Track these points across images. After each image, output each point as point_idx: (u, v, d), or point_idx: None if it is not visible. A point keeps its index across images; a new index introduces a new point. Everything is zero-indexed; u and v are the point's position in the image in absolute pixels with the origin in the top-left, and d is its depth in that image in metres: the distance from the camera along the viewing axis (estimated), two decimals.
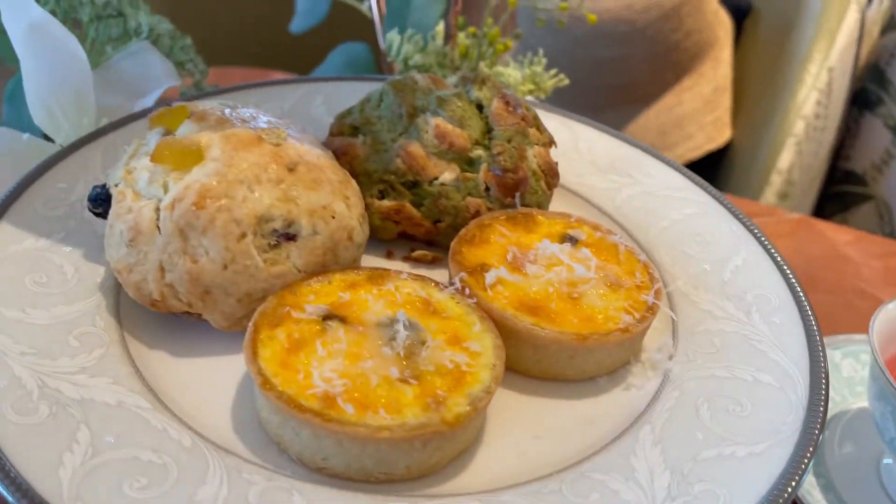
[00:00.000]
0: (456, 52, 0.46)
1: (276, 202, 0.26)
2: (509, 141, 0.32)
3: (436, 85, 0.34)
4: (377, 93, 0.34)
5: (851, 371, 0.46)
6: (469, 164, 0.32)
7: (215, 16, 0.91)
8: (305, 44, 0.65)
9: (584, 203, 0.36)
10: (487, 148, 0.32)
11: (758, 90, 0.92)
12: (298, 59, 0.74)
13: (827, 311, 0.53)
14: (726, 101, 0.94)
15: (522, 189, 0.31)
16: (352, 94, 0.40)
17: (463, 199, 0.31)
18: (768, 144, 0.81)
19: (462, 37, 0.46)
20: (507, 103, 0.33)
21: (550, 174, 0.33)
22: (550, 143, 0.34)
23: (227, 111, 0.29)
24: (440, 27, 0.48)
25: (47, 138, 0.34)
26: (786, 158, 0.80)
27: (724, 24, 0.95)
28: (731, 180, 0.88)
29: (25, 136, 0.32)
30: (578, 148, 0.38)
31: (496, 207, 0.32)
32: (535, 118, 0.34)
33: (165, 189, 0.26)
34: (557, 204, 0.35)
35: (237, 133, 0.27)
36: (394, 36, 0.45)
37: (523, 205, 0.32)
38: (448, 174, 0.31)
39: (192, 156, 0.27)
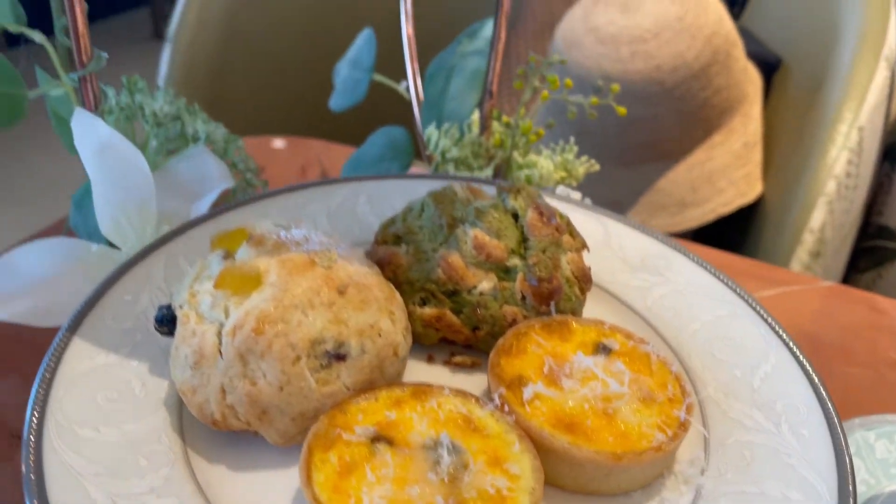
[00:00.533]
0: (491, 141, 0.48)
1: (327, 325, 0.28)
2: (544, 251, 0.34)
3: (474, 195, 0.36)
4: (419, 203, 0.36)
5: (885, 452, 0.46)
6: (506, 272, 0.34)
7: (258, 87, 0.95)
8: (345, 115, 0.67)
9: (616, 303, 0.37)
10: (523, 257, 0.34)
11: (788, 145, 0.93)
12: (338, 128, 0.77)
13: (861, 386, 0.53)
14: (757, 155, 0.95)
15: (557, 298, 0.33)
16: (393, 191, 0.42)
17: (500, 308, 0.33)
18: (800, 203, 0.81)
19: (496, 125, 0.48)
20: (541, 214, 0.34)
21: (584, 280, 0.35)
22: (583, 246, 0.36)
23: (282, 234, 0.31)
24: (475, 116, 0.50)
25: (111, 245, 0.36)
26: (817, 218, 0.80)
27: (753, 79, 0.97)
28: (763, 237, 0.88)
29: (95, 247, 0.35)
30: (610, 244, 0.40)
31: (532, 315, 0.33)
32: (568, 224, 0.36)
33: (226, 313, 0.29)
34: (591, 303, 0.36)
35: (292, 258, 0.29)
36: (432, 130, 0.47)
37: (558, 311, 0.34)
38: (486, 283, 0.33)
39: (251, 282, 0.29)
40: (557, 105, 0.84)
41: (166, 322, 0.30)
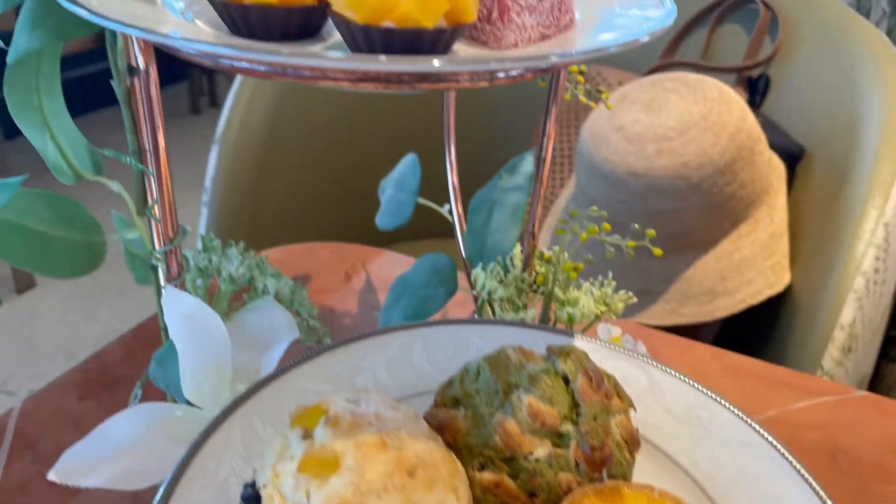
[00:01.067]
0: (533, 277, 0.51)
1: None
2: (595, 418, 0.36)
3: (526, 358, 0.38)
4: (475, 366, 0.39)
5: None
6: (559, 437, 0.36)
7: (300, 184, 1.00)
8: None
9: (663, 458, 0.39)
10: (575, 423, 0.36)
11: (815, 236, 0.95)
12: (382, 238, 0.81)
13: None
14: (784, 245, 0.97)
15: (609, 464, 0.35)
16: (445, 338, 0.45)
17: (555, 475, 0.35)
18: (829, 299, 0.83)
19: (537, 263, 0.51)
20: (591, 379, 0.37)
21: (632, 443, 0.37)
22: (630, 406, 0.38)
23: (354, 410, 0.34)
24: (517, 250, 0.53)
25: (190, 403, 0.39)
26: (847, 314, 0.82)
27: (777, 170, 0.99)
28: (794, 329, 0.90)
29: (180, 411, 0.38)
30: (653, 393, 0.42)
31: (585, 481, 0.36)
32: (616, 385, 0.39)
33: (308, 496, 0.31)
34: (639, 459, 0.38)
35: (366, 441, 0.32)
36: (478, 272, 0.50)
37: (609, 477, 0.36)
38: (541, 450, 0.36)
39: (329, 465, 0.31)
40: (588, 177, 0.88)
41: (252, 501, 0.32)
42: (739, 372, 0.66)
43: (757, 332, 1.00)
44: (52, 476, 0.35)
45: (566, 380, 0.38)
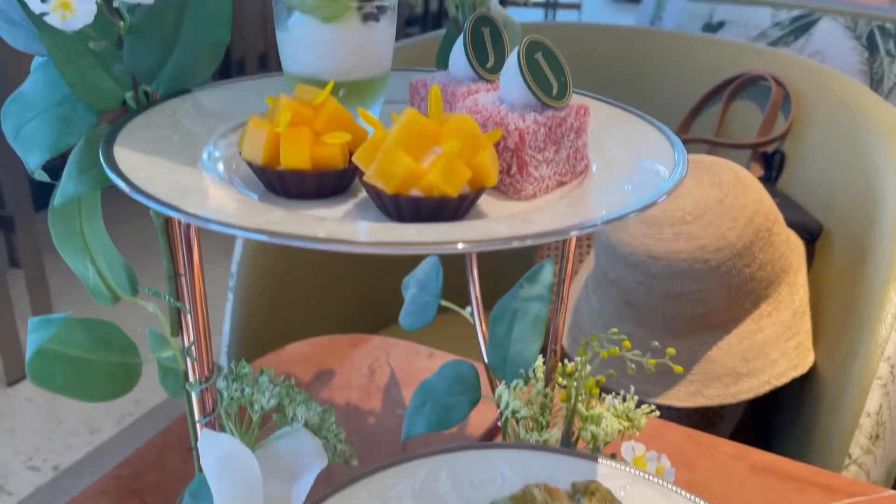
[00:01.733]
0: (556, 392, 0.52)
1: None
2: None
3: (551, 496, 0.39)
4: (503, 502, 0.40)
5: None
6: None
7: (327, 284, 1.02)
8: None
9: None
10: None
11: (837, 315, 0.95)
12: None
13: None
14: (806, 324, 0.97)
15: None
16: (471, 465, 0.46)
17: None
18: (854, 385, 0.83)
19: (559, 378, 0.52)
20: None
21: None
22: None
23: None
24: (539, 361, 0.54)
25: None
26: (874, 401, 0.81)
27: (796, 249, 1.00)
28: (820, 416, 0.89)
29: None
30: None
31: None
32: None
33: None
34: None
35: None
36: (503, 389, 0.51)
37: None
38: None
39: None
40: (607, 258, 0.90)
41: None
42: (765, 471, 0.66)
43: (783, 412, 1.00)
44: None
45: None
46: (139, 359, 0.52)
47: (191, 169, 0.37)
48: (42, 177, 0.48)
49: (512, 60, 0.38)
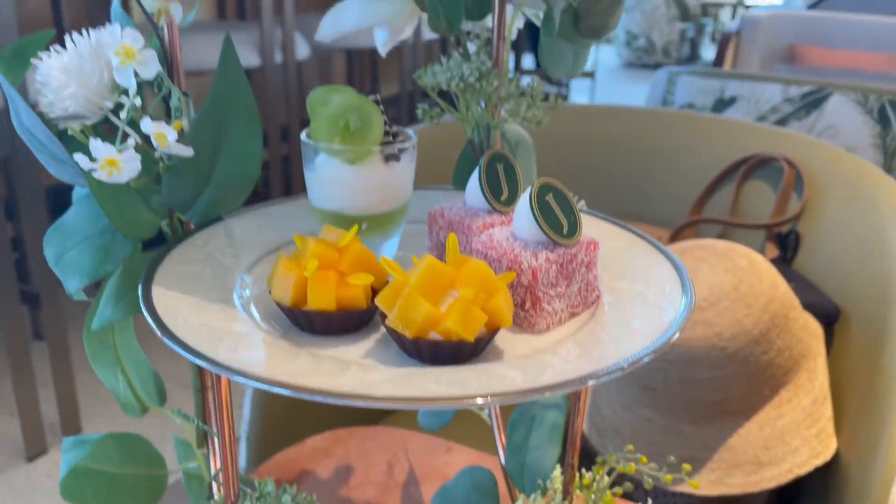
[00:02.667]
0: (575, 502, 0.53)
1: None
2: None
3: None
4: None
5: None
6: None
7: None
8: None
9: None
10: None
11: (858, 402, 0.95)
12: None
13: None
14: (827, 410, 0.97)
15: None
16: None
17: None
18: (878, 479, 0.82)
19: (577, 489, 0.53)
20: None
21: None
22: None
23: None
24: (557, 472, 0.55)
25: None
26: None
27: (814, 333, 1.00)
28: (844, 501, 0.88)
29: None
30: None
31: None
32: None
33: None
34: None
35: None
36: (523, 497, 0.52)
37: None
38: None
39: None
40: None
41: None
42: None
43: (807, 500, 0.98)
44: None
45: None
46: (166, 471, 0.54)
47: (222, 307, 0.40)
48: (80, 297, 0.51)
49: (524, 202, 0.41)
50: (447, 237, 0.38)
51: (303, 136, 0.45)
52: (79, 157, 0.38)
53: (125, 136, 0.39)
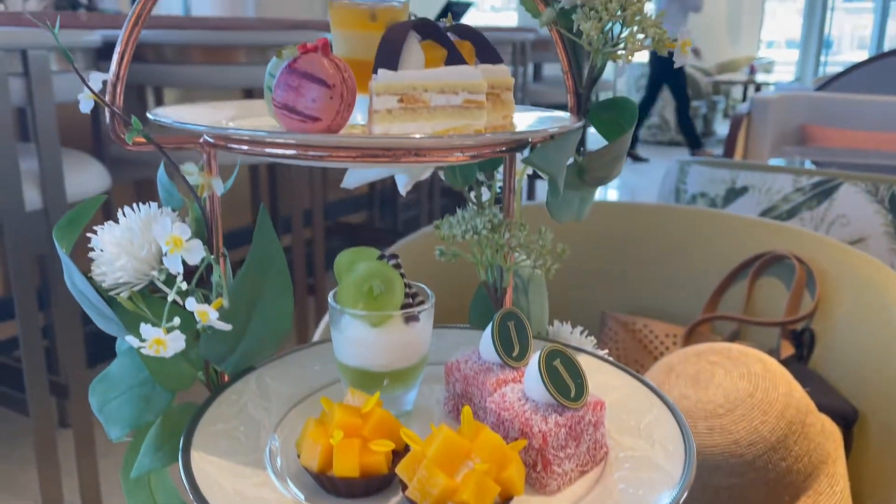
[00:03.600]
0: None
1: None
2: None
3: None
4: None
5: None
6: None
7: None
8: None
9: None
10: None
11: (881, 500, 0.95)
12: None
13: None
14: None
15: None
16: None
17: None
18: None
19: None
20: None
21: None
22: None
23: None
24: None
25: None
26: None
27: (832, 437, 1.01)
28: None
29: None
30: None
31: None
32: None
33: None
34: None
35: None
36: None
37: None
38: None
39: None
40: None
41: None
42: None
43: None
44: None
45: None
46: None
47: (255, 470, 0.43)
48: (121, 440, 0.55)
49: (534, 366, 0.44)
50: (462, 408, 0.41)
51: (330, 298, 0.49)
52: (130, 339, 0.43)
53: (171, 315, 0.44)
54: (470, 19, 4.83)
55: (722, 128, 7.33)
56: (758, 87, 6.79)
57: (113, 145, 2.09)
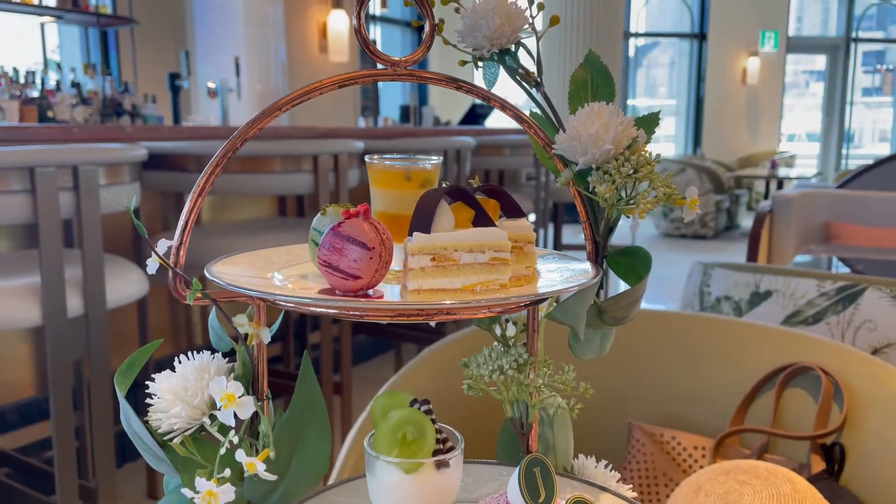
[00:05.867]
0: None
1: None
2: None
3: None
4: None
5: None
6: None
7: None
8: None
9: None
10: None
11: None
12: None
13: None
14: None
15: None
16: None
17: None
18: None
19: None
20: None
21: None
22: None
23: None
24: None
25: None
26: None
27: None
28: None
29: None
30: None
31: None
32: None
33: None
34: None
35: None
36: None
37: None
38: None
39: None
40: None
41: None
42: None
43: None
44: None
45: None
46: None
47: None
48: None
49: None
50: None
51: (365, 444, 0.53)
52: (185, 491, 0.47)
53: (222, 465, 0.48)
54: (493, 121, 5.01)
55: (746, 220, 7.37)
56: (780, 183, 6.86)
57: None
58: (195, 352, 0.56)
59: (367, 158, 0.62)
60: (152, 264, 0.53)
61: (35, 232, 1.54)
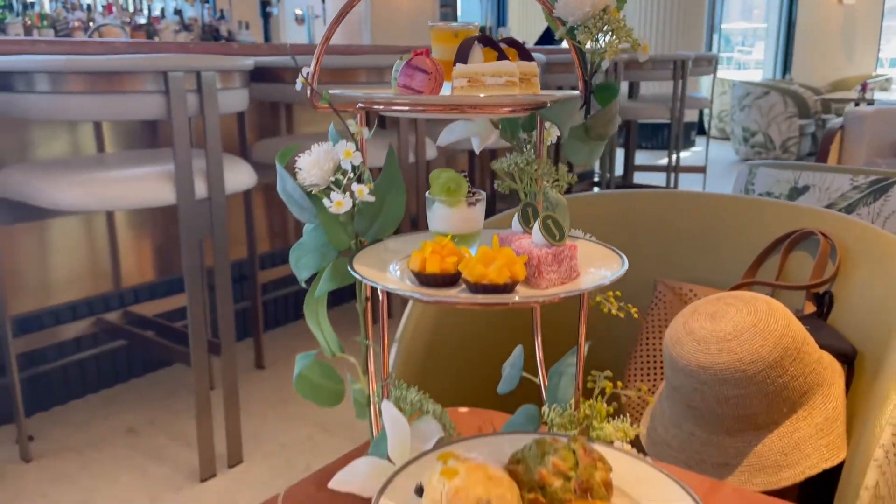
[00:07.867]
0: (579, 413, 0.97)
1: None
2: (586, 469, 0.81)
3: (555, 442, 0.85)
4: (529, 444, 0.86)
5: None
6: (567, 478, 0.81)
7: (455, 369, 1.52)
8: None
9: (629, 500, 0.82)
10: (575, 471, 0.81)
11: (863, 422, 1.30)
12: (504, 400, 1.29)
13: None
14: (839, 427, 1.33)
15: (592, 493, 0.80)
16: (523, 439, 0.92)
17: (564, 495, 0.80)
18: (858, 466, 1.17)
19: (583, 404, 0.98)
20: (586, 451, 0.82)
21: (608, 486, 0.81)
22: (609, 469, 0.82)
23: (469, 456, 0.82)
24: (572, 400, 1.00)
25: (390, 460, 0.90)
26: (871, 477, 1.16)
27: (829, 366, 1.38)
28: (841, 493, 1.23)
29: (385, 462, 0.88)
30: (626, 480, 0.86)
31: (580, 500, 0.80)
32: (601, 458, 0.83)
33: (443, 485, 0.79)
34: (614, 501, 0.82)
35: (473, 468, 0.80)
36: (545, 409, 0.98)
37: (593, 499, 0.80)
38: (557, 483, 0.81)
39: (454, 474, 0.79)
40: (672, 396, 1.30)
41: (420, 491, 0.80)
42: None
43: (818, 489, 1.33)
44: (331, 484, 0.85)
45: (574, 452, 0.83)
46: (343, 386, 1.04)
47: (386, 274, 0.91)
48: (302, 282, 1.04)
49: (537, 224, 0.90)
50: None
51: (427, 193, 0.97)
52: (325, 201, 0.92)
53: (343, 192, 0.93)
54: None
55: None
56: (870, 105, 6.84)
57: (254, 151, 2.71)
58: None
59: (429, 24, 1.05)
60: (299, 83, 0.97)
61: (166, 128, 2.06)
